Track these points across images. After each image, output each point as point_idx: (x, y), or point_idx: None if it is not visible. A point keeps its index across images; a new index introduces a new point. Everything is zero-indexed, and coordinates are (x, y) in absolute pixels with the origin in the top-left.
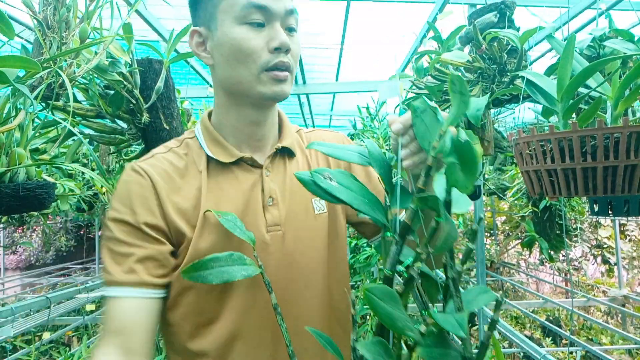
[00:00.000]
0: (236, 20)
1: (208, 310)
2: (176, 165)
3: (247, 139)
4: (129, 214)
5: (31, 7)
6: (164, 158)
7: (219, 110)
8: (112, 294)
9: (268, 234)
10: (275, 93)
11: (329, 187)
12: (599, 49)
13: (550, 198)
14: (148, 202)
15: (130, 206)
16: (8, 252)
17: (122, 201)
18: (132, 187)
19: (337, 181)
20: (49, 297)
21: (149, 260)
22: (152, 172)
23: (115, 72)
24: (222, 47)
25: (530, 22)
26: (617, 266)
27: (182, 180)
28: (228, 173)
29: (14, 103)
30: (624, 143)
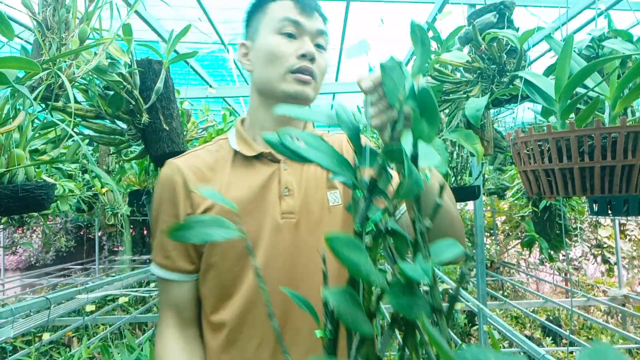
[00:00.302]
0: (273, 31)
1: (227, 286)
2: (207, 161)
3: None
4: (165, 204)
5: (31, 8)
6: (196, 155)
7: (251, 111)
8: (158, 275)
9: (282, 220)
10: (297, 92)
11: (296, 148)
12: (597, 49)
13: (548, 198)
14: (178, 194)
15: (164, 199)
16: (8, 253)
17: (159, 194)
18: (165, 182)
19: (306, 142)
20: (49, 297)
21: (183, 249)
22: (183, 166)
23: (115, 72)
24: (260, 52)
25: (529, 22)
26: (617, 266)
27: (211, 173)
28: (250, 166)
29: (13, 104)
30: (622, 143)
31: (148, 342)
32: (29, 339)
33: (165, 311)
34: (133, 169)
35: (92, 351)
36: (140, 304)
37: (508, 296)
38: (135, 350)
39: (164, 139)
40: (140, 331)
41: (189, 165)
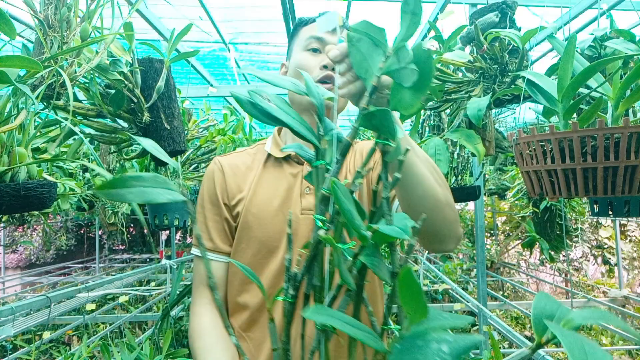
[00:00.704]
0: (301, 49)
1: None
2: (244, 161)
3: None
4: (208, 194)
5: (32, 7)
6: (238, 155)
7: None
8: (196, 254)
9: (302, 215)
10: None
11: (267, 107)
12: (600, 49)
13: (550, 198)
14: (218, 186)
15: (207, 189)
16: (8, 251)
17: (204, 185)
18: (209, 175)
19: (275, 104)
20: (49, 296)
21: (221, 231)
22: (225, 163)
23: (116, 71)
24: (291, 67)
25: (531, 22)
26: (618, 267)
27: (247, 170)
28: (279, 167)
29: (15, 102)
30: (625, 143)
31: (148, 340)
32: (29, 337)
33: (201, 289)
34: (134, 168)
35: (92, 350)
36: (141, 302)
37: (508, 297)
38: (135, 349)
39: (165, 138)
40: (140, 330)
41: (230, 163)
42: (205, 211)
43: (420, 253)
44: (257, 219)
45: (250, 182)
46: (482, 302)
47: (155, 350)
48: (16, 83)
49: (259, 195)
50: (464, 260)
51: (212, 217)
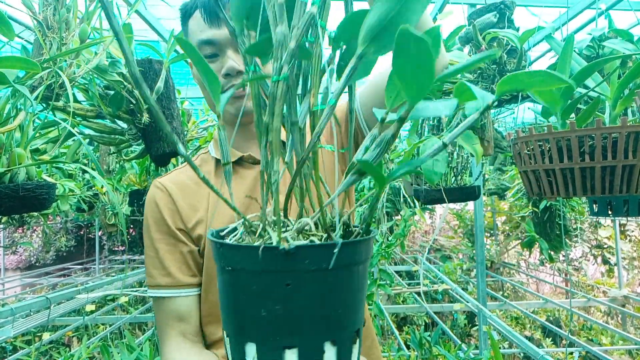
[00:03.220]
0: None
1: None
2: (191, 176)
3: (246, 144)
4: (155, 224)
5: (31, 8)
6: (181, 172)
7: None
8: (162, 295)
9: None
10: (238, 108)
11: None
12: (598, 49)
13: (548, 198)
14: (165, 211)
15: (153, 219)
16: (8, 253)
17: (147, 216)
18: (151, 202)
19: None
20: (49, 297)
21: (180, 262)
22: (167, 183)
23: (115, 72)
24: (195, 74)
25: (529, 22)
26: (617, 266)
27: (197, 186)
28: (233, 173)
29: (14, 104)
30: (622, 143)
31: (148, 341)
32: (29, 338)
33: (168, 331)
34: (133, 169)
35: (92, 351)
36: (140, 303)
37: (508, 297)
38: (135, 350)
39: (165, 139)
40: (140, 331)
41: (174, 182)
42: (156, 243)
43: (420, 253)
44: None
45: (205, 199)
46: (482, 302)
47: (155, 351)
48: (15, 84)
49: (221, 210)
50: (464, 260)
51: (165, 248)
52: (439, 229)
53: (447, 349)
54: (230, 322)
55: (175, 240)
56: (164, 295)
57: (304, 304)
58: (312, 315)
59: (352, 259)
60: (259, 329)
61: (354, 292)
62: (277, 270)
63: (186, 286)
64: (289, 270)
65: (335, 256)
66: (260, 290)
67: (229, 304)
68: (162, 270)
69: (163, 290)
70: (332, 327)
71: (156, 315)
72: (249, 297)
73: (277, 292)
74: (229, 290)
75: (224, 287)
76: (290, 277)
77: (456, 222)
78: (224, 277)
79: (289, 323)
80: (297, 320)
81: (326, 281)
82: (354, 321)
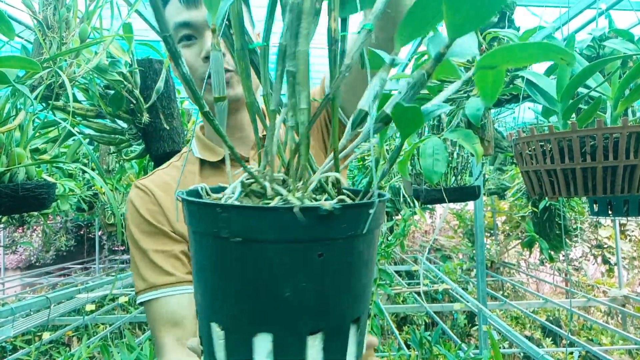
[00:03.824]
0: (175, 42)
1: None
2: (174, 176)
3: (231, 139)
4: (141, 225)
5: (31, 7)
6: (164, 173)
7: (204, 121)
8: (155, 296)
9: None
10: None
11: None
12: (598, 49)
13: (550, 198)
14: (151, 213)
15: (138, 221)
16: (8, 252)
17: (132, 219)
18: (135, 204)
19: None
20: (49, 297)
21: (173, 258)
22: (152, 186)
23: (116, 72)
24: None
25: (530, 21)
26: (617, 266)
27: (180, 187)
28: (218, 170)
29: (14, 103)
30: (624, 143)
31: (148, 341)
32: (29, 338)
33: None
34: (133, 169)
35: (92, 351)
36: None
37: (508, 296)
38: (135, 350)
39: (165, 139)
40: (140, 330)
41: (157, 182)
42: (142, 244)
43: (420, 253)
44: None
45: None
46: (482, 302)
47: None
48: (15, 84)
49: None
50: (464, 260)
51: (154, 249)
52: (439, 228)
53: (448, 348)
54: (232, 310)
55: (164, 238)
56: (159, 296)
57: (333, 278)
58: (340, 291)
59: (377, 222)
60: (279, 314)
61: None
62: (310, 238)
63: (183, 283)
64: (322, 238)
65: (370, 217)
66: (287, 265)
67: (229, 287)
68: (155, 270)
69: (157, 291)
70: (357, 303)
71: (150, 324)
72: (270, 275)
73: (307, 266)
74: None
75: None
76: (323, 246)
77: (456, 222)
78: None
79: (317, 303)
80: (325, 299)
81: (356, 249)
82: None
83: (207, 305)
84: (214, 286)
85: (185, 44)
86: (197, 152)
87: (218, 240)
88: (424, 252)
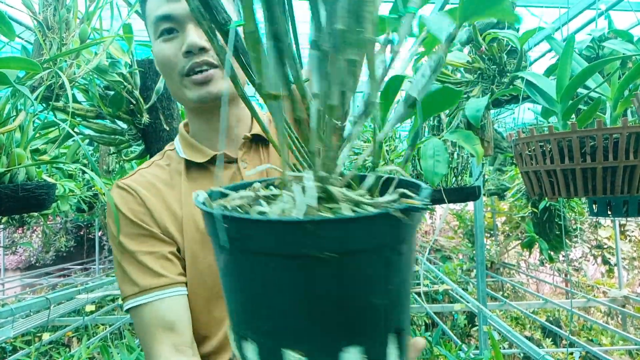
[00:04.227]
0: (154, 36)
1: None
2: (160, 177)
3: (214, 135)
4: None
5: (31, 8)
6: (147, 172)
7: (188, 119)
8: (149, 300)
9: None
10: (202, 96)
11: None
12: (598, 50)
13: (549, 199)
14: (137, 213)
15: (124, 222)
16: (8, 253)
17: (111, 221)
18: (120, 205)
19: None
20: (48, 297)
21: (164, 259)
22: (135, 186)
23: (115, 72)
24: (155, 58)
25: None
26: (617, 267)
27: (168, 189)
28: (206, 172)
29: (14, 104)
30: (623, 144)
31: None
32: (28, 339)
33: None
34: (133, 169)
35: (92, 351)
36: None
37: (508, 297)
38: (135, 351)
39: (165, 139)
40: None
41: (141, 182)
42: (129, 247)
43: (421, 254)
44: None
45: (175, 205)
46: (482, 303)
47: None
48: (15, 84)
49: (194, 214)
50: (464, 260)
51: (143, 250)
52: (439, 229)
53: (448, 349)
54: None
55: (152, 240)
56: (151, 300)
57: (372, 288)
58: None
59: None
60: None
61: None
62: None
63: (176, 284)
64: (387, 244)
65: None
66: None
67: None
68: (145, 273)
69: (149, 294)
70: (397, 314)
71: (140, 334)
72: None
73: (348, 276)
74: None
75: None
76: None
77: (456, 223)
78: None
79: (357, 315)
80: (363, 310)
81: (409, 250)
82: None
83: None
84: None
85: (166, 38)
86: (182, 152)
87: (282, 260)
88: (424, 252)
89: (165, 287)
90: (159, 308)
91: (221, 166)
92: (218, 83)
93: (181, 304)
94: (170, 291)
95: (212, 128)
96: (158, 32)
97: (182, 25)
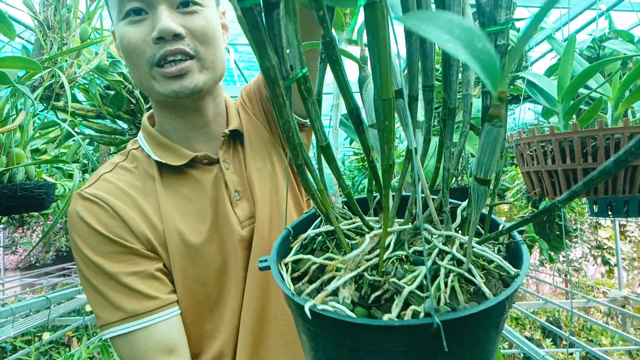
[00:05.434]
0: (119, 16)
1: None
2: (129, 182)
3: (195, 136)
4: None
5: (32, 8)
6: (112, 177)
7: (155, 113)
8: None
9: (243, 229)
10: (174, 92)
11: None
12: (598, 50)
13: (550, 199)
14: (103, 225)
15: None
16: (8, 253)
17: (77, 239)
18: (88, 217)
19: None
20: (49, 297)
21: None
22: (103, 195)
23: (116, 72)
24: (119, 44)
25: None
26: (617, 267)
27: (141, 196)
28: (184, 177)
29: (14, 103)
30: (625, 144)
31: None
32: (28, 338)
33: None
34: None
35: (92, 351)
36: None
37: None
38: None
39: None
40: None
41: (109, 191)
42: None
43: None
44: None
45: (156, 214)
46: None
47: None
48: (15, 84)
49: (177, 226)
50: None
51: (126, 271)
52: None
53: None
54: None
55: (134, 257)
56: (146, 325)
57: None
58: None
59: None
60: None
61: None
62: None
63: (170, 305)
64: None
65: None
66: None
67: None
68: (132, 296)
69: (141, 320)
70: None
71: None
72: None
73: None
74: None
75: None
76: (495, 329)
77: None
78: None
79: None
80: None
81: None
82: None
83: None
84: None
85: (132, 20)
86: (152, 154)
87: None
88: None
89: (159, 310)
90: (156, 332)
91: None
92: (195, 76)
93: (178, 325)
94: (164, 313)
95: (189, 125)
96: (123, 12)
97: (153, 6)
